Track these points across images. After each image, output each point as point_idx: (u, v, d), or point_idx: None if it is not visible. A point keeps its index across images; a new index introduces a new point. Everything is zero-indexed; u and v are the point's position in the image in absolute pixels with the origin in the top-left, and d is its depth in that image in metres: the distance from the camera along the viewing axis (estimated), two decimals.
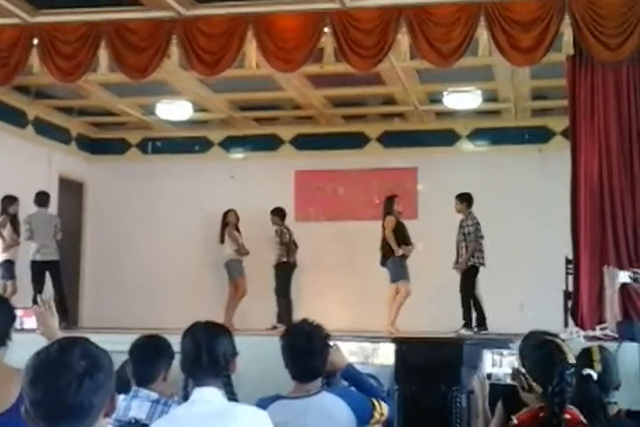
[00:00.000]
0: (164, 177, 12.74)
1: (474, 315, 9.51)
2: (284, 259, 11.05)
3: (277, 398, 3.43)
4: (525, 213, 11.20)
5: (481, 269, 9.67)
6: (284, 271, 11.06)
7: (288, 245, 11.11)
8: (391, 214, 10.18)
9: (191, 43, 8.29)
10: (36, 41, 8.51)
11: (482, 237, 9.69)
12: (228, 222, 11.31)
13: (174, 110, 11.69)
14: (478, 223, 9.71)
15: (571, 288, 8.41)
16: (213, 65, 8.33)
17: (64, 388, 1.78)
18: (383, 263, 10.03)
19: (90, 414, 1.82)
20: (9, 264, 10.24)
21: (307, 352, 3.42)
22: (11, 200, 10.38)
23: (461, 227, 9.76)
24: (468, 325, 9.42)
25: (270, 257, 11.07)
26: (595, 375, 3.55)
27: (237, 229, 11.34)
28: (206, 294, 11.66)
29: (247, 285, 11.05)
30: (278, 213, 11.30)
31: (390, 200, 10.34)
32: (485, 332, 9.21)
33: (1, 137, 10.82)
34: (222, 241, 11.22)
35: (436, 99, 11.12)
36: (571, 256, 8.20)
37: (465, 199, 9.87)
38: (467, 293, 9.57)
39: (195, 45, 8.30)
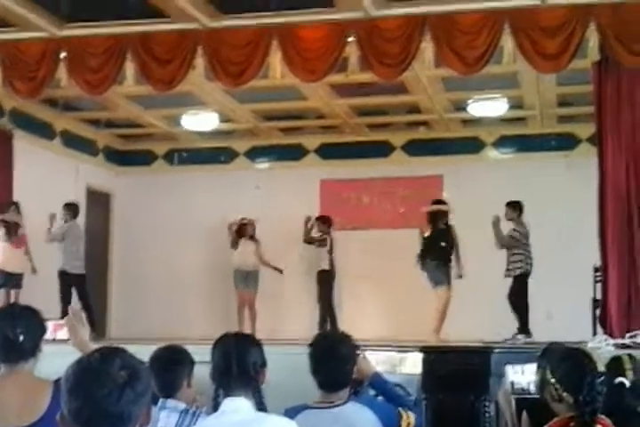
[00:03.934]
0: (190, 188, 12.82)
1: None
2: (328, 267, 11.12)
3: (305, 407, 3.43)
4: (552, 220, 11.13)
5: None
6: (330, 279, 11.16)
7: (331, 254, 11.21)
8: None
9: (216, 54, 8.34)
10: (63, 54, 8.59)
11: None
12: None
13: (200, 121, 11.76)
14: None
15: (599, 296, 8.34)
16: (238, 76, 8.38)
17: (105, 397, 1.79)
18: None
19: (128, 424, 1.84)
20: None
21: (333, 362, 3.43)
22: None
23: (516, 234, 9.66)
24: (523, 331, 9.19)
25: (300, 266, 11.16)
26: (627, 383, 3.53)
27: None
28: (234, 305, 11.68)
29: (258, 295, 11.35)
30: (326, 221, 11.38)
31: None
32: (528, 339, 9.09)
33: (29, 149, 10.93)
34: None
35: (460, 107, 11.10)
36: (599, 264, 8.14)
37: (518, 207, 9.79)
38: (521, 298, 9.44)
39: (220, 56, 8.35)
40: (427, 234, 9.78)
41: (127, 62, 8.51)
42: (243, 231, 11.42)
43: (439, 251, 9.67)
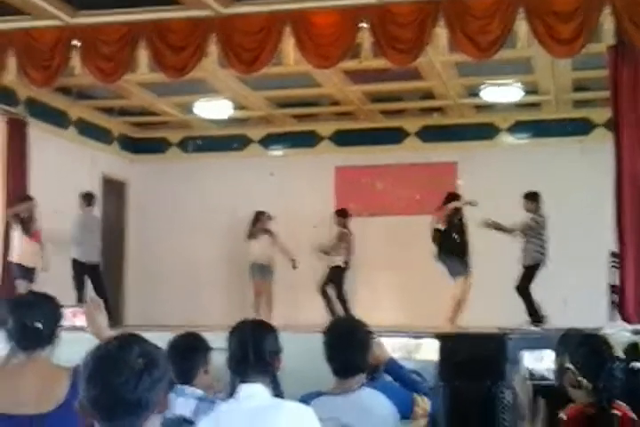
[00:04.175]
0: (205, 175, 12.82)
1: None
2: (342, 264, 11.12)
3: (319, 394, 3.45)
4: (567, 206, 11.07)
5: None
6: (339, 277, 11.16)
7: (349, 249, 11.18)
8: None
9: (229, 41, 8.32)
10: (76, 42, 8.59)
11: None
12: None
13: (214, 109, 11.75)
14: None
15: (615, 282, 8.30)
16: (251, 62, 8.36)
17: (122, 385, 1.81)
18: None
19: (146, 411, 1.85)
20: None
21: (347, 348, 3.44)
22: None
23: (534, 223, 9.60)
24: (534, 319, 9.14)
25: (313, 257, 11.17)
26: None
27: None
28: (249, 292, 11.70)
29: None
30: (342, 214, 11.36)
31: None
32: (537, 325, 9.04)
33: (44, 138, 10.95)
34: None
35: (475, 92, 11.04)
36: (614, 250, 8.10)
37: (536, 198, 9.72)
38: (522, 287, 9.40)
39: (233, 43, 8.33)
40: (442, 227, 9.85)
41: (140, 50, 8.50)
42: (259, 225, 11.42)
43: (453, 244, 9.78)
